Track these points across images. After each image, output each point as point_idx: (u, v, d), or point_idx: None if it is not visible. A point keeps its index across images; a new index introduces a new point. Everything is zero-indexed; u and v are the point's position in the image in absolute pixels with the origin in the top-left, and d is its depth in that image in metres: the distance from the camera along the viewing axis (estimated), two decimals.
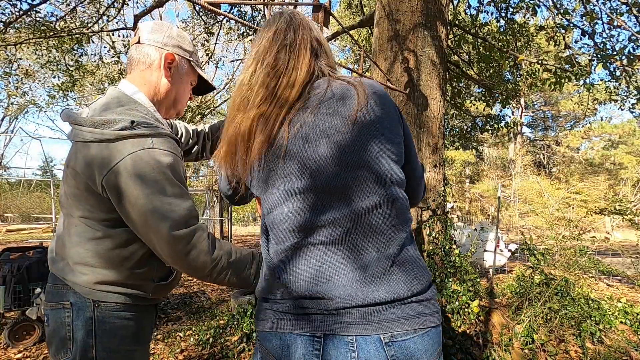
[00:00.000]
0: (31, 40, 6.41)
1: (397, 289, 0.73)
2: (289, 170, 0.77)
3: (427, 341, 0.74)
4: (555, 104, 25.50)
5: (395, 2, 3.60)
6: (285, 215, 0.77)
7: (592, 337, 3.03)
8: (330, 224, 0.75)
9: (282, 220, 0.78)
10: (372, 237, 0.75)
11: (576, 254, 3.58)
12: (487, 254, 6.74)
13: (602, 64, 3.80)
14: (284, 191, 0.77)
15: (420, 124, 3.44)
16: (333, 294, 0.73)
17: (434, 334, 0.76)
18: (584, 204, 15.67)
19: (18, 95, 10.28)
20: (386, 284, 0.73)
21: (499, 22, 6.54)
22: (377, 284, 0.73)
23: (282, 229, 0.78)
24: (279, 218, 0.78)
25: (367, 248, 0.75)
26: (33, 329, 3.18)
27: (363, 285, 0.73)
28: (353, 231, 0.75)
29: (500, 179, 22.82)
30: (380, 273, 0.74)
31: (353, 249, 0.75)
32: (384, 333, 0.71)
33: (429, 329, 0.75)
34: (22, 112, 22.80)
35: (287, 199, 0.77)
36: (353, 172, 0.75)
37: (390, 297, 0.72)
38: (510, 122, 7.69)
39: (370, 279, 0.73)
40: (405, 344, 0.72)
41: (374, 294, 0.72)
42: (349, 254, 0.74)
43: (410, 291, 0.74)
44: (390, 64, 3.56)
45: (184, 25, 11.18)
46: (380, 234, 0.75)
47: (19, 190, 18.71)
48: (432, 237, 3.30)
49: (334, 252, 0.75)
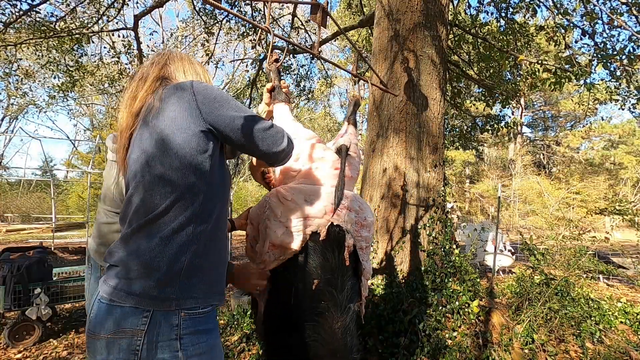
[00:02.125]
0: (31, 41, 6.41)
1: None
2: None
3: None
4: (555, 104, 25.49)
5: (396, 2, 3.60)
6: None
7: (592, 337, 3.03)
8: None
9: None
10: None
11: (576, 254, 3.58)
12: (487, 254, 6.74)
13: (602, 64, 3.79)
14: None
15: (420, 124, 3.44)
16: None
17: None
18: (584, 204, 15.66)
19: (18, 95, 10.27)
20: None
21: (499, 22, 6.54)
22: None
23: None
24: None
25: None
26: (33, 329, 3.18)
27: None
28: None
29: (500, 179, 22.80)
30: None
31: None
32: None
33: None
34: (22, 112, 22.82)
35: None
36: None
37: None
38: (510, 122, 7.68)
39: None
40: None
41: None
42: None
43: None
44: (390, 64, 3.56)
45: (184, 25, 11.17)
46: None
47: (19, 190, 18.71)
48: (432, 237, 3.29)
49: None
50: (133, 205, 0.90)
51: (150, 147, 0.89)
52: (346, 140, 1.54)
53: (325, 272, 1.28)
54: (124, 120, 0.99)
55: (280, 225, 1.27)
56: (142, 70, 1.04)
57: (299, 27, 8.51)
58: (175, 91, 0.93)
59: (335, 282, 1.29)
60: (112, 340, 0.85)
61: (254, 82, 8.02)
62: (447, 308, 2.93)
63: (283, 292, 1.29)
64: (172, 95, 0.92)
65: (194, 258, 0.90)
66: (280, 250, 1.27)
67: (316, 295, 1.26)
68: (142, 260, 0.87)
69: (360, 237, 1.38)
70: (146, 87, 0.99)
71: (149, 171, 0.89)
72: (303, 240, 1.26)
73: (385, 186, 3.40)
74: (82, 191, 18.74)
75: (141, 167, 0.90)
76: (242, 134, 0.96)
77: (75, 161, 22.22)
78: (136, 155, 0.92)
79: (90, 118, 27.49)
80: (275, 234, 1.27)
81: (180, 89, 0.93)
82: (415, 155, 3.39)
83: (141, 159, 0.90)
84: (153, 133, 0.90)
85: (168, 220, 0.88)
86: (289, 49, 3.84)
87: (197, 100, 0.91)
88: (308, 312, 1.26)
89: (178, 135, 0.89)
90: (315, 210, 1.28)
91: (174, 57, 1.08)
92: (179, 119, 0.89)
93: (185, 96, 0.91)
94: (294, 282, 1.27)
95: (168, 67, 1.04)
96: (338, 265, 1.31)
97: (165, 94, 0.93)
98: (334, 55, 24.16)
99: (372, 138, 3.65)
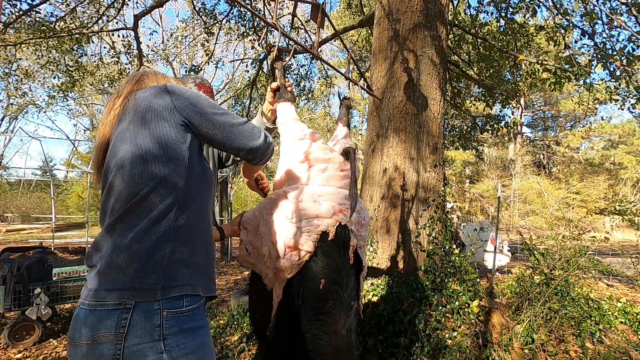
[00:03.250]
0: (31, 41, 6.41)
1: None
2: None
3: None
4: (555, 104, 25.48)
5: (396, 2, 3.60)
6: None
7: (592, 337, 3.03)
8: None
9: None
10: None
11: (576, 254, 3.58)
12: (487, 254, 6.74)
13: (602, 64, 3.79)
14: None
15: (420, 124, 3.44)
16: None
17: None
18: (584, 204, 15.67)
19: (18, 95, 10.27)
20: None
21: (499, 22, 6.54)
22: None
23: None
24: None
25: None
26: (33, 329, 3.18)
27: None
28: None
29: (500, 179, 22.80)
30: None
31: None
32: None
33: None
34: (22, 112, 22.81)
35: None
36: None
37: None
38: (510, 122, 7.68)
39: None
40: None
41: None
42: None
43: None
44: (390, 64, 3.56)
45: (184, 25, 11.16)
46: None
47: (19, 190, 18.72)
48: (432, 237, 3.30)
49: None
50: (114, 194, 0.91)
51: (128, 138, 0.92)
52: (350, 142, 1.57)
53: (332, 272, 1.30)
54: (101, 133, 1.01)
55: (291, 225, 1.28)
56: (117, 89, 1.08)
57: (299, 27, 8.51)
58: (150, 90, 0.98)
59: (341, 281, 1.31)
60: (92, 346, 0.82)
61: (254, 82, 8.01)
62: (447, 308, 2.93)
63: (290, 292, 1.29)
64: (148, 94, 0.96)
65: (176, 246, 0.90)
66: (295, 252, 1.27)
67: (323, 294, 1.27)
68: (125, 250, 0.86)
69: (361, 237, 1.41)
70: (120, 100, 1.02)
71: (129, 160, 0.90)
72: (315, 241, 1.27)
73: (385, 186, 3.40)
74: (82, 191, 18.74)
75: (120, 157, 0.91)
76: (216, 128, 1.00)
77: (75, 161, 22.23)
78: (114, 148, 0.94)
79: (90, 118, 27.49)
80: (287, 234, 1.27)
81: (155, 89, 0.98)
82: (415, 155, 3.39)
83: (119, 150, 0.92)
84: (130, 126, 0.93)
85: (148, 207, 0.88)
86: (295, 49, 3.85)
87: (172, 97, 0.96)
88: (315, 312, 1.27)
89: (156, 126, 0.92)
90: (324, 210, 1.30)
91: (147, 73, 1.13)
92: (156, 112, 0.93)
93: (160, 94, 0.96)
94: (302, 282, 1.28)
95: (142, 82, 1.08)
96: (343, 264, 1.32)
97: (140, 94, 0.98)
98: (333, 55, 24.19)
99: (372, 138, 3.65)
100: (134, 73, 1.16)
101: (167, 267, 0.88)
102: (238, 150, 1.06)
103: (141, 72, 1.14)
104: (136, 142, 0.91)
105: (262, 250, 1.34)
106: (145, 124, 0.92)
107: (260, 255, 1.36)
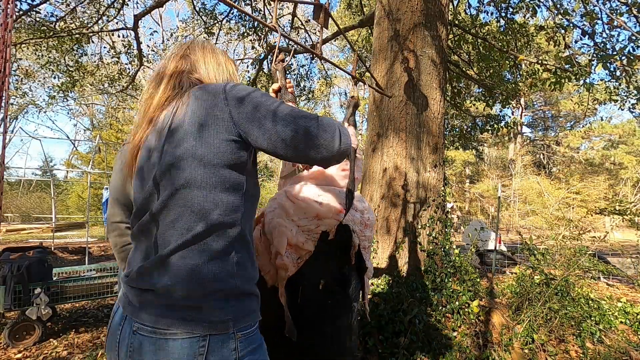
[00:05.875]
0: (31, 41, 6.42)
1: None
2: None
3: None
4: (555, 104, 25.47)
5: (396, 2, 3.60)
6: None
7: (592, 337, 3.03)
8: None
9: None
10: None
11: (576, 253, 3.58)
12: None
13: (602, 64, 3.79)
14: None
15: (420, 124, 3.44)
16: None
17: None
18: (584, 204, 15.68)
19: (18, 95, 10.27)
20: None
21: (499, 22, 6.54)
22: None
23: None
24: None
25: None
26: (33, 329, 3.18)
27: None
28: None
29: (500, 179, 22.81)
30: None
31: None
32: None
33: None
34: (22, 112, 22.82)
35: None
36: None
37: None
38: (510, 122, 7.69)
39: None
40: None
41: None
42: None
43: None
44: (390, 64, 3.56)
45: (184, 25, 11.16)
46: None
47: (19, 190, 18.72)
48: (432, 237, 3.30)
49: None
50: (165, 221, 0.80)
51: (184, 157, 0.79)
52: (355, 142, 1.57)
53: (333, 272, 1.29)
54: (139, 127, 0.89)
55: (293, 224, 1.29)
56: (159, 66, 0.95)
57: (299, 27, 8.52)
58: (203, 95, 0.83)
59: (342, 282, 1.30)
60: None
61: (254, 82, 8.02)
62: (447, 308, 2.93)
63: (291, 292, 1.29)
64: (201, 101, 0.82)
65: (243, 272, 0.84)
66: (296, 251, 1.28)
67: (324, 294, 1.27)
68: (193, 282, 0.77)
69: (364, 237, 1.40)
70: (163, 87, 0.90)
71: (185, 183, 0.79)
72: (315, 240, 1.27)
73: (386, 186, 3.40)
74: (82, 191, 18.74)
75: (172, 178, 0.80)
76: (283, 144, 0.82)
77: (75, 161, 22.23)
78: (163, 165, 0.81)
79: (90, 118, 27.51)
80: (291, 232, 1.27)
81: (211, 94, 0.82)
82: (415, 155, 3.39)
83: (184, 166, 0.79)
84: (183, 141, 0.80)
85: (215, 236, 0.80)
86: (296, 49, 3.85)
87: (231, 109, 0.81)
88: (315, 312, 1.27)
89: (213, 145, 0.80)
90: (326, 210, 1.30)
91: (194, 46, 0.98)
92: (212, 129, 0.80)
93: (216, 103, 0.81)
94: (302, 282, 1.28)
95: (188, 57, 0.95)
96: (344, 264, 1.32)
97: (193, 100, 0.83)
98: (333, 55, 24.17)
99: (372, 138, 3.65)
100: (179, 44, 1.00)
101: (238, 297, 0.84)
102: (313, 162, 0.89)
103: (188, 43, 0.99)
104: (191, 166, 0.79)
105: (270, 248, 1.35)
106: (203, 141, 0.80)
107: (267, 250, 1.36)
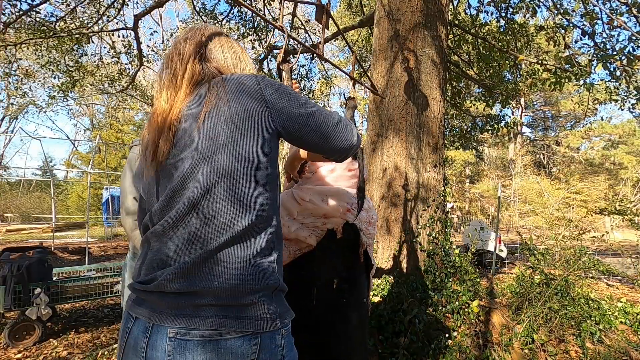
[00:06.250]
0: (31, 41, 6.42)
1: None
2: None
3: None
4: (555, 104, 25.47)
5: (396, 2, 3.60)
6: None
7: (592, 337, 3.03)
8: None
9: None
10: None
11: (576, 254, 3.58)
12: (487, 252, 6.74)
13: (602, 64, 3.80)
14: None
15: (420, 124, 3.44)
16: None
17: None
18: (584, 204, 15.68)
19: (18, 95, 10.28)
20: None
21: (499, 22, 6.54)
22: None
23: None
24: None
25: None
26: (33, 329, 3.18)
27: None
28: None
29: (500, 179, 22.81)
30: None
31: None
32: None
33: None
34: (22, 112, 22.82)
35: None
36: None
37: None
38: (510, 122, 7.69)
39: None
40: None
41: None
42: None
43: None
44: (391, 64, 3.56)
45: (184, 25, 11.16)
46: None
47: (19, 190, 18.72)
48: (432, 237, 3.30)
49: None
50: (203, 216, 0.77)
51: (222, 152, 0.78)
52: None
53: (343, 270, 1.32)
54: (165, 102, 0.86)
55: (295, 222, 1.30)
56: (177, 46, 0.92)
57: (299, 27, 8.52)
58: (237, 87, 0.83)
59: (352, 280, 1.32)
60: None
61: None
62: (447, 308, 2.93)
63: (303, 292, 1.30)
64: (236, 93, 0.82)
65: (280, 267, 0.84)
66: (295, 244, 1.30)
67: (335, 293, 1.29)
68: (242, 279, 0.75)
69: (369, 234, 1.42)
70: (185, 66, 0.88)
71: (225, 181, 0.77)
72: (319, 237, 1.29)
73: (386, 186, 3.40)
74: (82, 191, 18.75)
75: (209, 174, 0.77)
76: (314, 132, 0.88)
77: (75, 161, 22.24)
78: (195, 159, 0.79)
79: (90, 118, 27.51)
80: (288, 229, 1.29)
81: (245, 86, 0.83)
82: (415, 155, 3.39)
83: (218, 157, 0.78)
84: (220, 135, 0.78)
85: (259, 230, 0.79)
86: (302, 49, 3.86)
87: (267, 100, 0.83)
88: (328, 310, 1.28)
89: (253, 140, 0.80)
90: (333, 209, 1.32)
91: (210, 35, 0.96)
92: (251, 120, 0.80)
93: (253, 95, 0.82)
94: (314, 282, 1.30)
95: (205, 46, 0.94)
96: (354, 262, 1.34)
97: (225, 91, 0.82)
98: (333, 55, 24.17)
99: (372, 138, 3.65)
100: (192, 28, 0.97)
101: (280, 293, 0.85)
102: (329, 151, 0.93)
103: (202, 28, 0.96)
104: (239, 154, 0.78)
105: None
106: (244, 132, 0.79)
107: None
